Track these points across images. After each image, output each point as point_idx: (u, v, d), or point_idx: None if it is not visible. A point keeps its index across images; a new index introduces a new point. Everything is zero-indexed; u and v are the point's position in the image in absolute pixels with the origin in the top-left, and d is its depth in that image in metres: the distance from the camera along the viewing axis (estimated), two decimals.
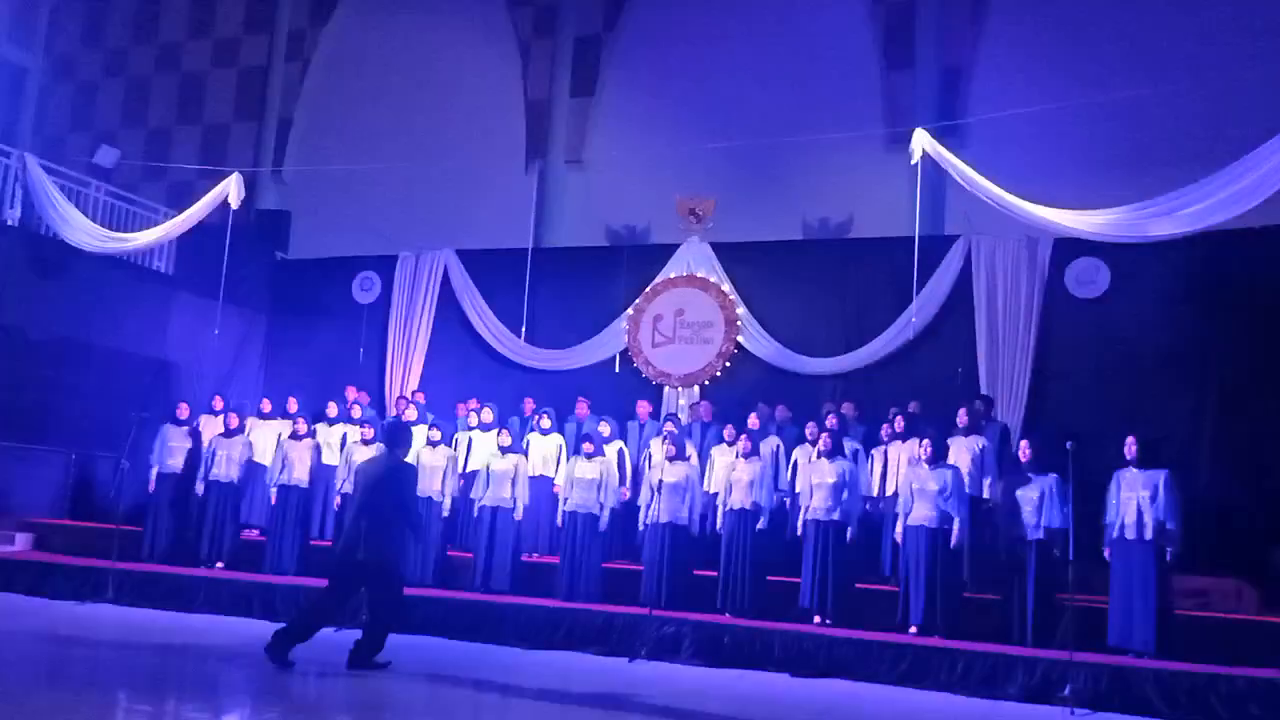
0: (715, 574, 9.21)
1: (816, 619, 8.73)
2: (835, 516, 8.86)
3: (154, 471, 10.94)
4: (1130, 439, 8.16)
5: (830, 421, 9.62)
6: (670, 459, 9.45)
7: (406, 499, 7.41)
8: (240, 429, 11.00)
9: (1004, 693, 7.44)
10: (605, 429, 10.55)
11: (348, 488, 9.95)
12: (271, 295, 14.64)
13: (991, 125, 12.73)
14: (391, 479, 7.25)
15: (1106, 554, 8.13)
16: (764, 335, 12.14)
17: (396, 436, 7.59)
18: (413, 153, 14.94)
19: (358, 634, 7.26)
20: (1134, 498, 7.99)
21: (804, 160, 13.55)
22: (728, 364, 12.01)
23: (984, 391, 10.83)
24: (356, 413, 11.42)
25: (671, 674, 7.96)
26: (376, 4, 16.52)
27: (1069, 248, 10.98)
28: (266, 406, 11.52)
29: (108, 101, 18.06)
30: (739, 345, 12.03)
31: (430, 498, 10.14)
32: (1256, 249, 10.20)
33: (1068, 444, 7.56)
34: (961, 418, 9.45)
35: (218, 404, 11.43)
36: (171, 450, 10.98)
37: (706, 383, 12.03)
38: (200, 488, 10.78)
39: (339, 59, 16.72)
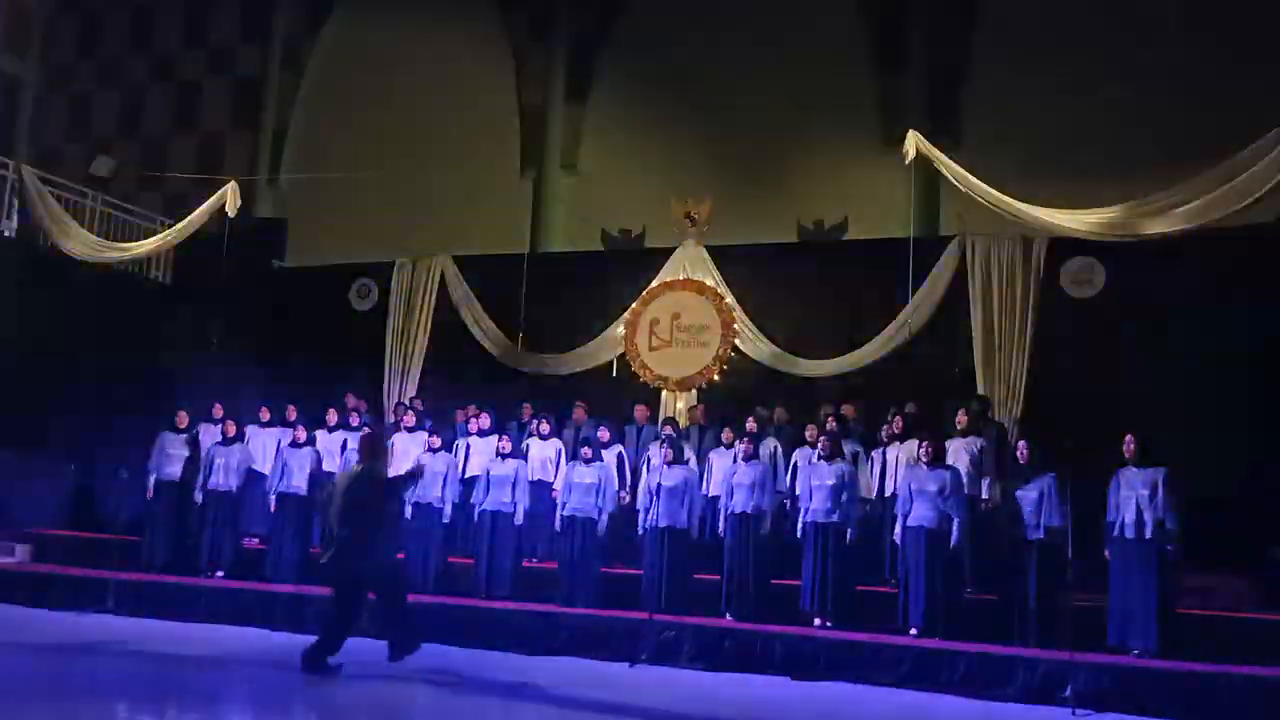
0: (715, 577, 9.21)
1: (817, 621, 8.73)
2: (835, 519, 8.86)
3: (151, 480, 10.94)
4: (1129, 438, 8.17)
5: (829, 424, 9.62)
6: (668, 463, 9.46)
7: (387, 509, 7.44)
8: (239, 437, 11.01)
9: (1005, 694, 7.43)
10: (604, 434, 10.55)
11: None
12: (269, 303, 14.63)
13: (985, 126, 12.77)
14: (367, 490, 7.27)
15: (1106, 553, 8.14)
16: (761, 338, 12.13)
17: (374, 450, 7.62)
18: (408, 160, 14.95)
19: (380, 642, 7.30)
20: (1133, 497, 8.00)
21: (798, 163, 13.60)
22: (725, 367, 11.99)
23: (981, 392, 10.83)
24: (355, 420, 11.42)
25: (672, 678, 7.96)
26: (371, 12, 16.53)
27: (1064, 247, 10.98)
28: (265, 415, 11.51)
29: (104, 111, 18.06)
30: (736, 348, 12.01)
31: (431, 504, 10.16)
32: (1250, 247, 10.22)
33: (1066, 443, 7.56)
34: (960, 418, 9.45)
35: (217, 412, 11.41)
36: (170, 458, 10.97)
37: (704, 386, 12.01)
38: (199, 496, 10.79)
39: (334, 67, 16.72)
